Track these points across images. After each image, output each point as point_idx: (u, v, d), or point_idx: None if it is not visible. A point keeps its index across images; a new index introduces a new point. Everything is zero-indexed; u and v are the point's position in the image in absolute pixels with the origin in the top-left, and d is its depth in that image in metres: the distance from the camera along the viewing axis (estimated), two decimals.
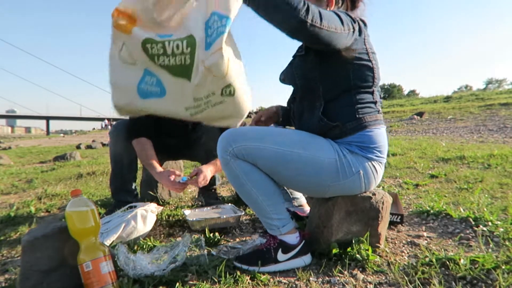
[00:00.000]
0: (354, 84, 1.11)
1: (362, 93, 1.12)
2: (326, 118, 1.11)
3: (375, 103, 1.15)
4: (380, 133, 1.14)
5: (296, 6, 0.90)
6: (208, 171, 1.58)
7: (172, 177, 1.48)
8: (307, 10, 0.91)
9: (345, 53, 1.07)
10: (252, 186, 1.09)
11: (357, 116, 1.10)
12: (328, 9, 1.13)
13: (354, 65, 1.09)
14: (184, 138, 1.89)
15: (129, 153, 1.74)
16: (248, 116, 1.34)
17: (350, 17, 1.07)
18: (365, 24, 1.15)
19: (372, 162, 1.11)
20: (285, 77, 1.27)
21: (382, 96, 1.30)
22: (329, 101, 1.12)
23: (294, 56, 1.25)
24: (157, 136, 1.74)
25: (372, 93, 1.14)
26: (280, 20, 0.94)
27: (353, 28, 1.05)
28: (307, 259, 1.14)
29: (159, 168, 1.59)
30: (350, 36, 1.04)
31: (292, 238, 1.13)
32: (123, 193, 1.75)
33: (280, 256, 1.11)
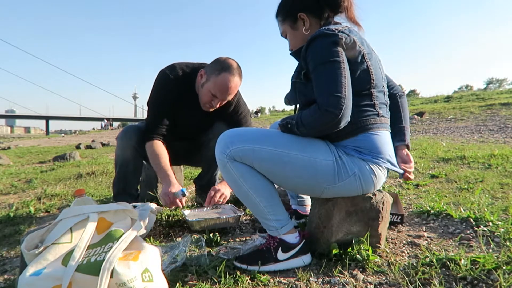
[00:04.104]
0: None
1: (358, 96, 1.07)
2: None
3: (373, 105, 1.11)
4: (378, 138, 1.09)
5: (331, 116, 0.97)
6: (224, 189, 1.61)
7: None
8: (334, 110, 0.96)
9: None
10: (249, 188, 1.09)
11: (352, 120, 1.06)
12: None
13: (350, 72, 1.05)
14: (193, 142, 1.88)
15: (137, 159, 1.74)
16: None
17: (333, 42, 1.01)
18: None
19: (369, 164, 1.09)
20: (289, 100, 1.26)
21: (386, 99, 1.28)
22: None
23: (294, 81, 1.20)
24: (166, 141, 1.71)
25: (370, 95, 1.10)
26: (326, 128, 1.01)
27: (342, 53, 1.02)
28: (306, 259, 1.13)
29: (174, 183, 1.53)
30: (345, 60, 1.02)
31: (292, 237, 1.13)
32: (124, 196, 1.74)
33: (280, 255, 1.11)
